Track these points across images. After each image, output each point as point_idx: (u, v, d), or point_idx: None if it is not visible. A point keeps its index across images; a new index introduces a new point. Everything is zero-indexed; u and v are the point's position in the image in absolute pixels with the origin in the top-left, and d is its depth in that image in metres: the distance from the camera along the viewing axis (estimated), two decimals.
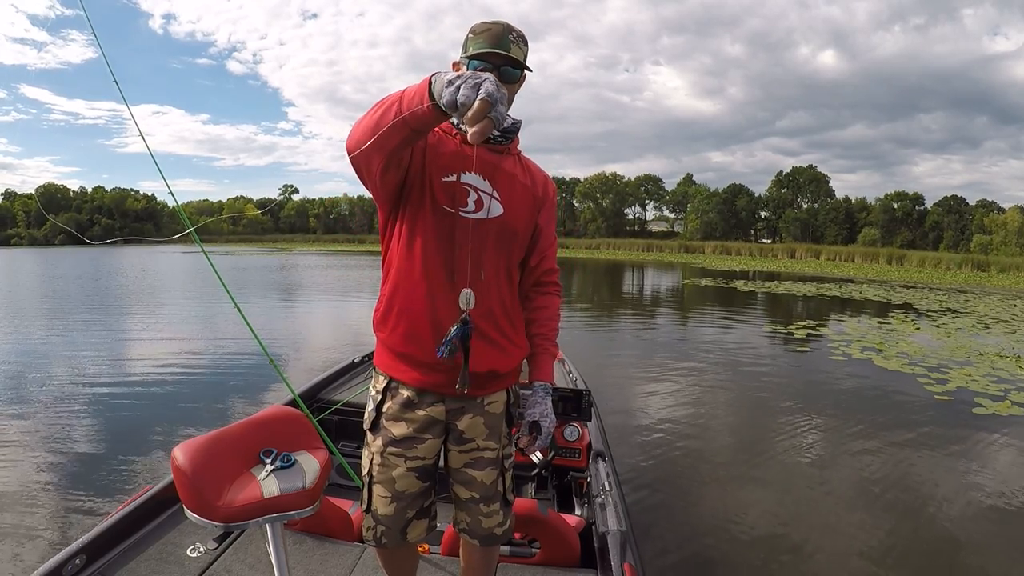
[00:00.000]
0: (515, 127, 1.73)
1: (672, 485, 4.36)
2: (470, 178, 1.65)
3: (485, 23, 1.62)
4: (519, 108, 1.76)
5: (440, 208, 1.62)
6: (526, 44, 1.64)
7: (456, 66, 1.67)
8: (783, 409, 6.33)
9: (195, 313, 13.32)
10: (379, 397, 1.74)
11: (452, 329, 1.46)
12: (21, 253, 54.72)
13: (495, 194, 1.66)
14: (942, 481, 4.54)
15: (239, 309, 2.85)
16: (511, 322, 1.73)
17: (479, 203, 1.65)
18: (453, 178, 1.63)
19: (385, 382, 1.72)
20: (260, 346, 2.88)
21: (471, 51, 1.60)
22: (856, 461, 4.88)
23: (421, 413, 1.69)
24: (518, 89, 1.69)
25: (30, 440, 5.01)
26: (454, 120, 1.65)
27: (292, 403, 2.91)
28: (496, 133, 1.67)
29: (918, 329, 12.36)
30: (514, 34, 1.60)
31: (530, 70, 1.66)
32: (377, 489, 1.73)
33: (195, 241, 2.83)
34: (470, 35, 1.62)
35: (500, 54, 1.58)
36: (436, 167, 1.62)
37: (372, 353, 1.81)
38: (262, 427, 1.74)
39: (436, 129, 1.68)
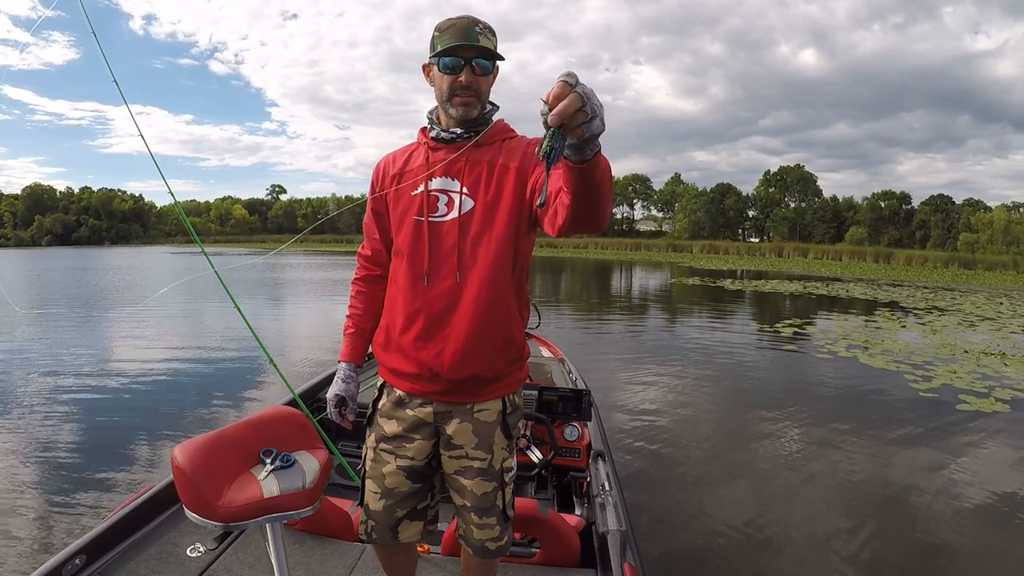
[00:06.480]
0: (486, 118, 1.70)
1: (672, 485, 4.39)
2: (438, 182, 1.67)
3: (449, 19, 1.59)
4: (503, 106, 1.76)
5: (411, 220, 1.68)
6: (494, 35, 1.62)
7: (427, 68, 1.67)
8: (776, 408, 6.38)
9: (193, 313, 13.21)
10: (376, 393, 1.81)
11: None
12: (14, 254, 54.09)
13: (464, 190, 1.65)
14: (926, 477, 4.60)
15: (239, 309, 2.84)
16: (498, 324, 1.65)
17: (450, 204, 1.66)
18: (420, 189, 1.67)
19: (383, 379, 1.80)
20: (260, 346, 2.88)
21: (439, 48, 1.57)
22: (846, 458, 4.93)
23: (410, 413, 1.71)
24: (493, 80, 1.68)
25: (30, 440, 4.99)
26: (431, 128, 1.72)
27: (292, 403, 2.90)
28: (459, 131, 1.67)
29: (904, 327, 12.49)
30: (480, 26, 1.57)
31: (502, 58, 1.64)
32: (368, 484, 1.77)
33: (196, 242, 2.84)
34: (436, 33, 1.60)
35: (470, 46, 1.56)
36: (403, 193, 1.71)
37: (372, 352, 1.83)
38: (262, 427, 1.73)
39: (408, 149, 1.79)
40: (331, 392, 1.79)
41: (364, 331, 1.86)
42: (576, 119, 1.04)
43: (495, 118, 1.73)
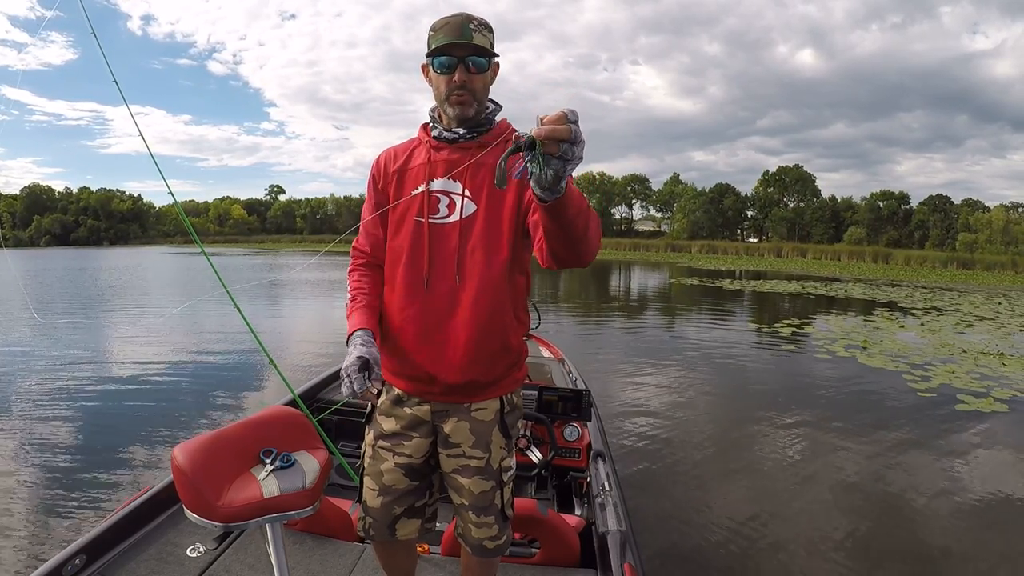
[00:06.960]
0: (488, 118, 1.68)
1: (671, 485, 4.39)
2: (439, 184, 1.65)
3: (444, 18, 1.58)
4: (504, 106, 1.74)
5: (411, 220, 1.66)
6: (490, 31, 1.60)
7: (425, 68, 1.65)
8: (774, 407, 6.40)
9: (193, 313, 13.18)
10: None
11: None
12: (12, 254, 53.96)
13: (467, 193, 1.63)
14: (924, 476, 4.61)
15: (239, 310, 2.85)
16: (496, 330, 1.64)
17: (451, 206, 1.64)
18: (421, 188, 1.65)
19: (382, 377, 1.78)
20: (260, 346, 2.89)
21: (433, 47, 1.56)
22: (844, 457, 4.94)
23: (408, 411, 1.71)
24: (492, 78, 1.66)
25: (30, 440, 5.00)
26: (432, 126, 1.71)
27: (292, 403, 2.91)
28: (461, 130, 1.65)
29: (903, 327, 12.49)
30: (475, 22, 1.55)
31: (497, 55, 1.63)
32: (367, 481, 1.78)
33: (196, 243, 2.85)
34: (431, 33, 1.58)
35: (464, 44, 1.54)
36: (405, 191, 1.69)
37: None
38: (262, 427, 1.73)
39: (409, 145, 1.76)
40: (350, 358, 1.54)
41: (373, 305, 1.72)
42: (552, 148, 1.07)
43: (498, 118, 1.71)
